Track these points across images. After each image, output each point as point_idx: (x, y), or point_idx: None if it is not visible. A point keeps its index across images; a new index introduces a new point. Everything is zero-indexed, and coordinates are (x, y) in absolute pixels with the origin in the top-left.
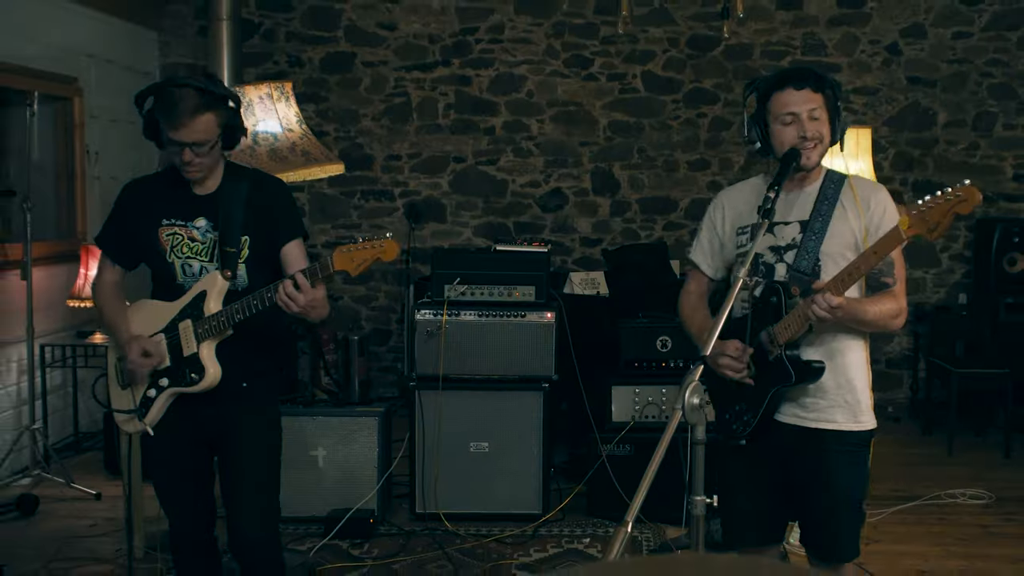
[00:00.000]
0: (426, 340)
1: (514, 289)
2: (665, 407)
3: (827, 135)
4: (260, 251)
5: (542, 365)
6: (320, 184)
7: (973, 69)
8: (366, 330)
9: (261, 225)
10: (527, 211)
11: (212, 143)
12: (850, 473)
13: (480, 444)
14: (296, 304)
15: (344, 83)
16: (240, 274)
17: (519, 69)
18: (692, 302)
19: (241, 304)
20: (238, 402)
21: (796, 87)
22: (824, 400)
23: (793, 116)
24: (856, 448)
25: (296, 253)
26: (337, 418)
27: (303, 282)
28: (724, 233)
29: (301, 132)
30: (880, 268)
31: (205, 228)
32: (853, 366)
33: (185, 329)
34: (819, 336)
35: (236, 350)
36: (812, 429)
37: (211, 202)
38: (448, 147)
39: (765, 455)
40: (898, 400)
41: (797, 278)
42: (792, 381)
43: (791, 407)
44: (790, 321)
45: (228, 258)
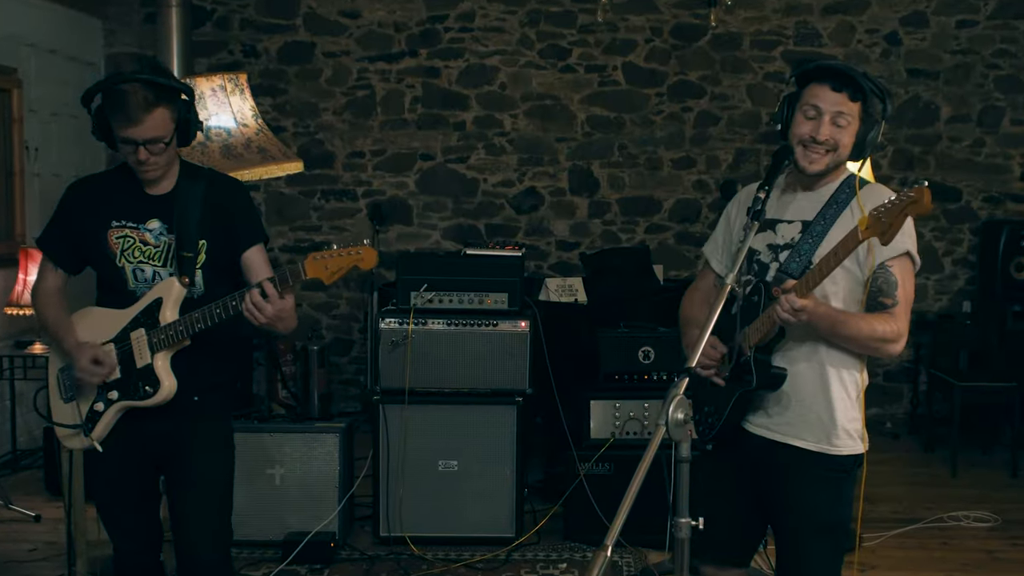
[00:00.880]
0: (391, 351)
1: (486, 296)
2: (648, 423)
3: (846, 146)
4: (218, 256)
5: (515, 378)
6: (277, 183)
7: (978, 60)
8: (326, 340)
9: (219, 228)
10: (500, 212)
11: (167, 139)
12: (820, 498)
13: (449, 462)
14: (264, 315)
15: (303, 75)
16: (197, 281)
17: (491, 60)
18: (695, 299)
19: (202, 313)
20: (189, 417)
21: (834, 87)
22: (791, 412)
23: (816, 112)
24: (829, 474)
25: (258, 259)
26: (295, 434)
27: (271, 291)
28: (735, 228)
29: (257, 127)
30: (880, 286)
31: (159, 231)
32: (834, 382)
33: (138, 339)
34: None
35: (189, 361)
36: (780, 443)
37: (166, 203)
38: (415, 144)
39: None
40: (897, 415)
41: (782, 279)
42: (752, 386)
43: (760, 416)
44: (761, 322)
45: (185, 263)
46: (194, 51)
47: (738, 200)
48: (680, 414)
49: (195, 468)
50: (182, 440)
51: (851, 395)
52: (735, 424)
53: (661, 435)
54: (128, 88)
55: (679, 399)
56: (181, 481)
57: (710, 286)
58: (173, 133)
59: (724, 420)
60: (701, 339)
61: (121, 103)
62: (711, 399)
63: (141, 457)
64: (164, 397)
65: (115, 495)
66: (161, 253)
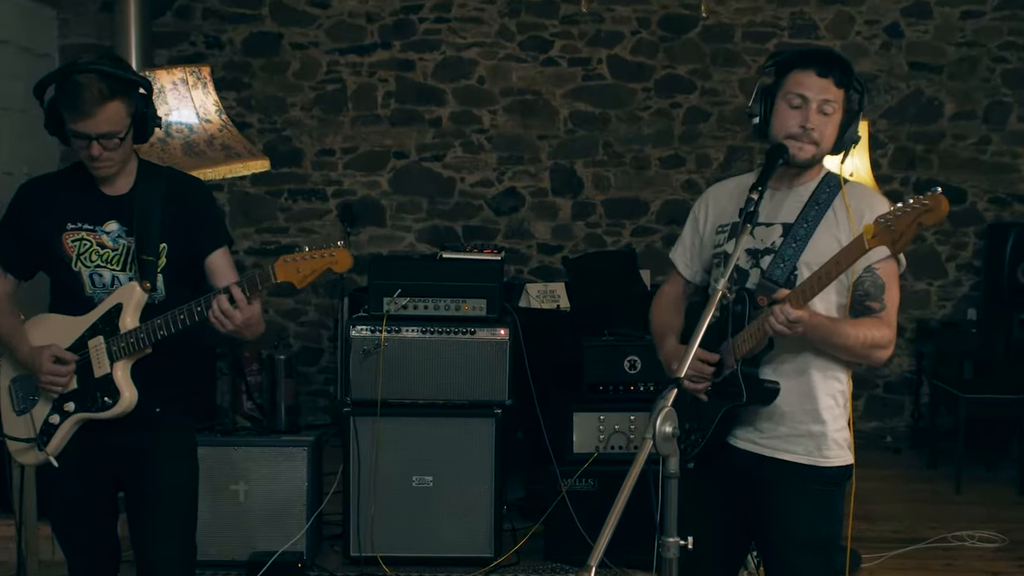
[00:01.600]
0: (362, 360)
1: (463, 302)
2: (634, 436)
3: (829, 138)
4: (179, 260)
5: (494, 388)
6: (242, 183)
7: (984, 53)
8: (294, 348)
9: (181, 231)
10: (478, 214)
11: (122, 134)
12: (808, 511)
13: (423, 478)
14: (232, 321)
15: (269, 68)
16: (158, 285)
17: (469, 53)
18: (662, 304)
19: (165, 319)
20: (151, 429)
21: (820, 72)
22: (783, 427)
23: (803, 100)
24: (820, 487)
25: (223, 263)
26: (261, 448)
27: (239, 296)
28: (705, 231)
29: (220, 123)
30: (867, 290)
31: (117, 233)
32: (823, 393)
33: (96, 347)
34: (786, 354)
35: (151, 371)
36: (768, 458)
37: (124, 204)
38: (388, 141)
39: (718, 483)
40: (898, 429)
41: (767, 287)
42: (743, 400)
43: (746, 431)
44: (749, 334)
45: (146, 267)
46: (154, 42)
47: (705, 200)
48: (668, 427)
49: (157, 483)
50: (143, 453)
51: (839, 404)
52: (719, 440)
53: (648, 449)
54: (83, 79)
55: (667, 411)
56: (142, 496)
57: (678, 292)
58: (129, 128)
59: (709, 437)
60: (690, 349)
61: (74, 95)
62: (692, 415)
63: (99, 471)
64: (124, 408)
65: (71, 511)
66: (120, 257)
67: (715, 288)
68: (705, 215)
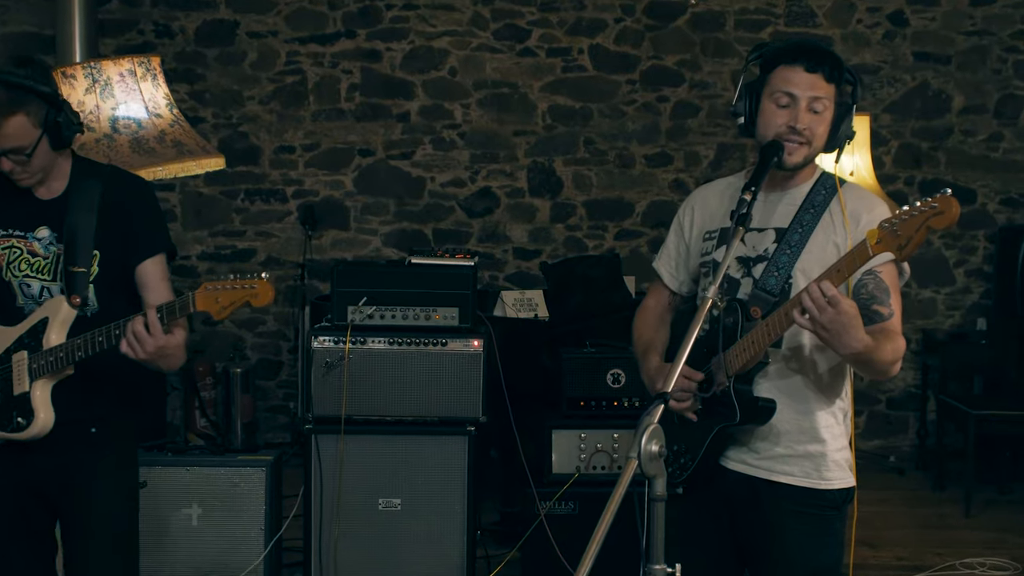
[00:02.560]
0: (325, 373)
1: (433, 311)
2: (617, 456)
3: (821, 137)
4: (113, 269)
5: (467, 404)
6: (195, 182)
7: (995, 43)
8: (251, 361)
9: (115, 235)
10: (449, 216)
11: (28, 150)
12: (807, 537)
13: (391, 501)
14: (144, 349)
15: (224, 58)
16: (89, 298)
17: (439, 42)
18: (646, 319)
19: (84, 340)
20: (87, 451)
21: (808, 67)
22: (779, 447)
23: (790, 99)
24: (819, 511)
25: (155, 274)
26: (215, 468)
27: (153, 322)
28: (691, 238)
29: (172, 118)
30: (872, 293)
31: (48, 240)
32: (823, 410)
33: (19, 362)
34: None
35: (85, 387)
36: (763, 480)
37: (56, 208)
38: (352, 137)
39: (709, 508)
40: (903, 448)
41: (760, 298)
42: (736, 420)
43: (740, 452)
44: (743, 348)
45: (75, 279)
46: (100, 31)
47: (691, 204)
48: (655, 446)
49: (94, 511)
50: (77, 479)
51: (839, 421)
52: (711, 462)
53: (632, 470)
54: None
55: (653, 428)
56: (78, 526)
57: (664, 304)
58: (39, 139)
59: (699, 460)
60: (677, 363)
61: None
62: (681, 436)
63: (28, 495)
64: (38, 431)
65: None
66: (50, 265)
67: (704, 297)
68: (691, 220)
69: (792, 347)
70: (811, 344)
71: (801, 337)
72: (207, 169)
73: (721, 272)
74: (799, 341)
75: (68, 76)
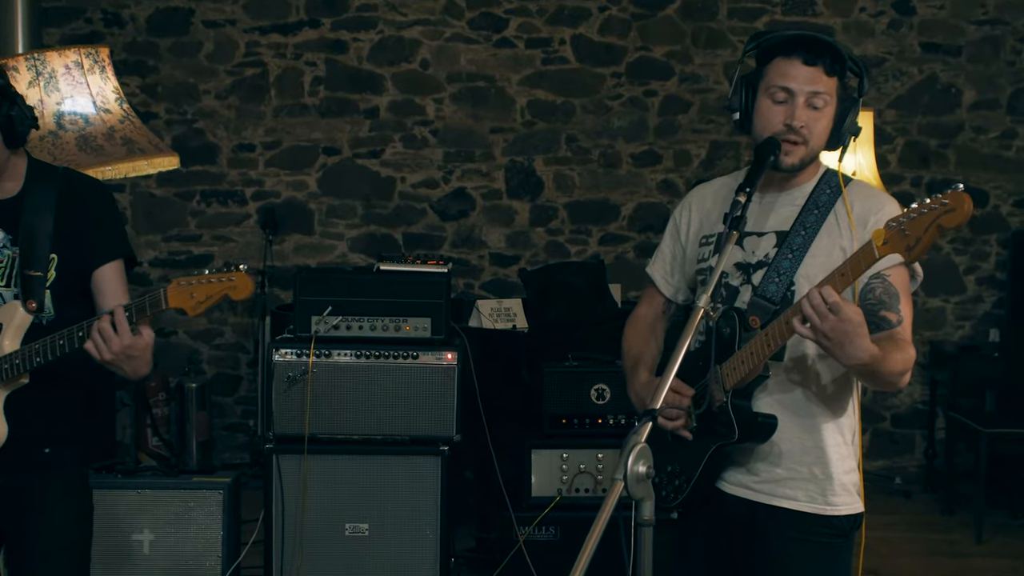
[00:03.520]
0: (287, 389)
1: (403, 322)
2: (602, 478)
3: (820, 135)
4: (70, 274)
5: (440, 422)
6: (147, 183)
7: (1009, 33)
8: (208, 375)
9: (72, 239)
10: (421, 219)
11: None
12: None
13: (358, 526)
14: (109, 349)
15: (178, 49)
16: (45, 304)
17: (410, 32)
18: (637, 329)
19: (43, 345)
20: (38, 474)
21: (807, 60)
22: (780, 468)
23: (787, 94)
24: (824, 539)
25: (113, 279)
26: (169, 491)
27: (120, 319)
28: (688, 241)
29: (121, 114)
30: (880, 297)
31: (2, 243)
32: (828, 428)
33: None
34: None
35: (37, 403)
36: (764, 505)
37: (10, 209)
38: (317, 134)
39: (704, 533)
40: (909, 469)
41: (760, 306)
42: (734, 438)
43: (738, 473)
44: (741, 360)
45: (32, 284)
46: (44, 20)
47: (688, 205)
48: (642, 467)
49: (43, 537)
50: (26, 502)
51: (847, 440)
52: (707, 485)
53: (618, 492)
54: None
55: (640, 448)
56: (25, 553)
57: (657, 313)
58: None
59: (695, 482)
60: (667, 377)
61: None
62: (674, 456)
63: None
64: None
65: None
66: (4, 270)
67: (696, 305)
68: (688, 222)
69: (795, 358)
70: (816, 355)
71: (804, 347)
72: (160, 169)
73: (714, 279)
74: (802, 352)
75: (10, 68)
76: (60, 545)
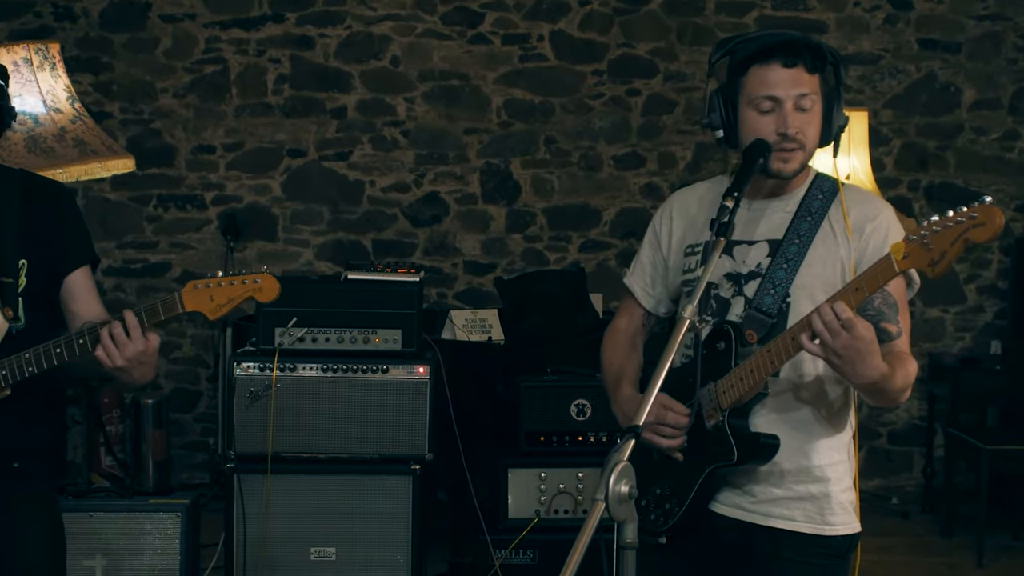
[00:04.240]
0: (249, 405)
1: (373, 333)
2: (582, 498)
3: (815, 136)
4: (40, 280)
5: (412, 439)
6: (100, 186)
7: (1011, 29)
8: (165, 391)
9: (41, 245)
10: (391, 225)
11: None
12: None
13: (324, 550)
14: (122, 355)
15: (134, 45)
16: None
17: (380, 27)
18: (616, 343)
19: (36, 354)
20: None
21: (786, 63)
22: (779, 489)
23: (774, 103)
24: (824, 561)
25: (84, 286)
26: (123, 514)
27: (134, 325)
28: (669, 249)
29: (73, 113)
30: (879, 308)
31: None
32: (828, 445)
33: None
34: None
35: (6, 418)
36: (761, 527)
37: None
38: (281, 135)
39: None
40: (907, 489)
41: (756, 319)
42: (733, 460)
43: (733, 495)
44: (740, 377)
45: (5, 290)
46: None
47: (668, 211)
48: (624, 487)
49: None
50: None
51: (845, 457)
52: (700, 507)
53: (599, 513)
54: None
55: (623, 467)
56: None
57: (637, 326)
58: None
59: (688, 505)
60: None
61: None
62: (663, 478)
63: None
64: None
65: None
66: None
67: (681, 316)
68: (669, 230)
69: (794, 374)
70: (815, 370)
71: (804, 363)
72: (114, 172)
73: (700, 289)
74: (802, 368)
75: None
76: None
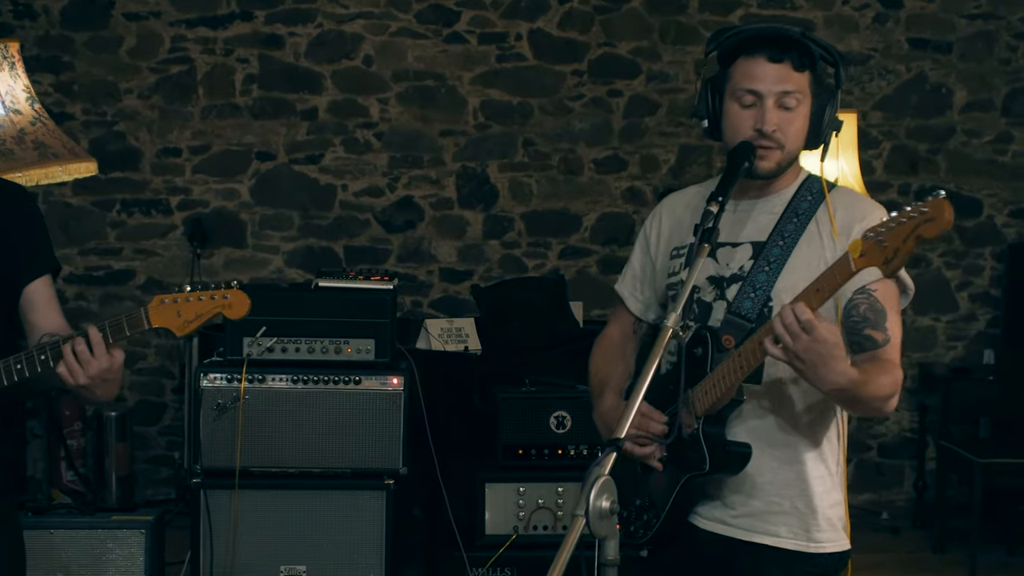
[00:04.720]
0: (216, 417)
1: (345, 343)
2: (562, 513)
3: (796, 136)
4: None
5: (385, 453)
6: (61, 190)
7: (1003, 28)
8: (129, 403)
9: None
10: (364, 231)
11: None
12: None
13: (295, 567)
14: (85, 373)
15: (96, 44)
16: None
17: (352, 26)
18: (604, 351)
19: None
20: None
21: (771, 56)
22: (758, 501)
23: (755, 96)
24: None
25: (45, 295)
26: (85, 531)
27: (97, 341)
28: (658, 253)
29: (33, 115)
30: (864, 314)
31: None
32: (810, 457)
33: None
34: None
35: None
36: (743, 543)
37: None
38: (249, 138)
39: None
40: (897, 503)
41: (734, 324)
42: (705, 469)
43: (713, 507)
44: (712, 383)
45: None
46: None
47: (658, 215)
48: (605, 502)
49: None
50: None
51: (832, 471)
52: (679, 519)
53: (580, 530)
54: None
55: (604, 481)
56: None
57: (626, 333)
58: None
59: (665, 516)
60: (633, 402)
61: None
62: (643, 489)
63: None
64: None
65: None
66: None
67: (664, 324)
68: (657, 234)
69: (771, 381)
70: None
71: (781, 370)
72: (76, 175)
73: (684, 294)
74: (779, 374)
75: None
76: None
